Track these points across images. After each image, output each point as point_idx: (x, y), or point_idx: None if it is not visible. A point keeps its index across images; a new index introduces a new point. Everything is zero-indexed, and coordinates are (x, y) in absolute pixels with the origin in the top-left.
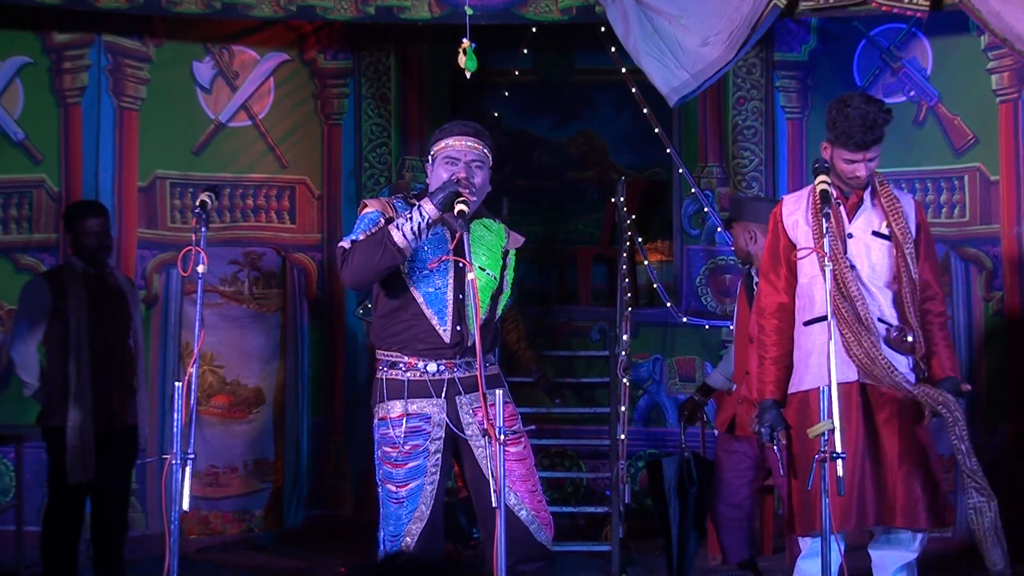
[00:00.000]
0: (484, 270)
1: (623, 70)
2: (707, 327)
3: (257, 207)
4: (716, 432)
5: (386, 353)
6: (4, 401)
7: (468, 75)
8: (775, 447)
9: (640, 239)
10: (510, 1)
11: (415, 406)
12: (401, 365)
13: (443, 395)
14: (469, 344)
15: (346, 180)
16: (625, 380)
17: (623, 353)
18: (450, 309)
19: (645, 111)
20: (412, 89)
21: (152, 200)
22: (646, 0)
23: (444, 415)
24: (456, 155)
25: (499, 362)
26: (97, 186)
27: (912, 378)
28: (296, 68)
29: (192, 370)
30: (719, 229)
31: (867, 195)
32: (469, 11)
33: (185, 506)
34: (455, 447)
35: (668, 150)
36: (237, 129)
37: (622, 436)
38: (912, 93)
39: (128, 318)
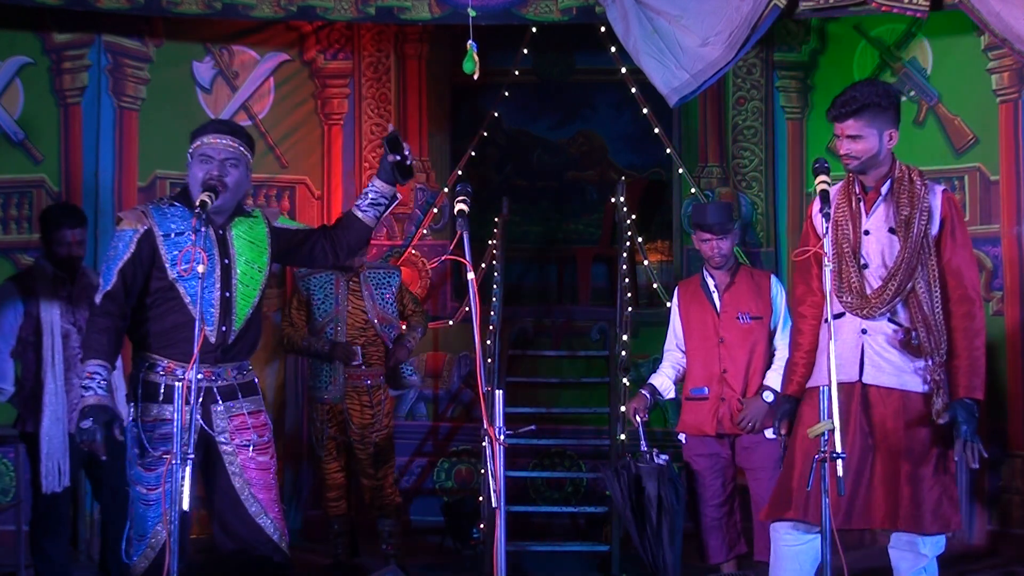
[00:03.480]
0: (252, 264)
1: (623, 70)
2: None
3: (257, 207)
4: (682, 437)
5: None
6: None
7: (475, 76)
8: (781, 441)
9: (640, 239)
10: (510, 1)
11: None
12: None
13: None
14: (230, 342)
15: (346, 180)
16: (625, 380)
17: (623, 353)
18: (216, 309)
19: (645, 111)
20: (412, 89)
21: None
22: (646, 0)
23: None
24: (211, 153)
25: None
26: (97, 186)
27: (920, 382)
28: (296, 68)
29: (192, 370)
30: None
31: (885, 189)
32: (472, 12)
33: (185, 506)
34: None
35: (668, 150)
36: None
37: (622, 436)
38: (912, 93)
39: None
